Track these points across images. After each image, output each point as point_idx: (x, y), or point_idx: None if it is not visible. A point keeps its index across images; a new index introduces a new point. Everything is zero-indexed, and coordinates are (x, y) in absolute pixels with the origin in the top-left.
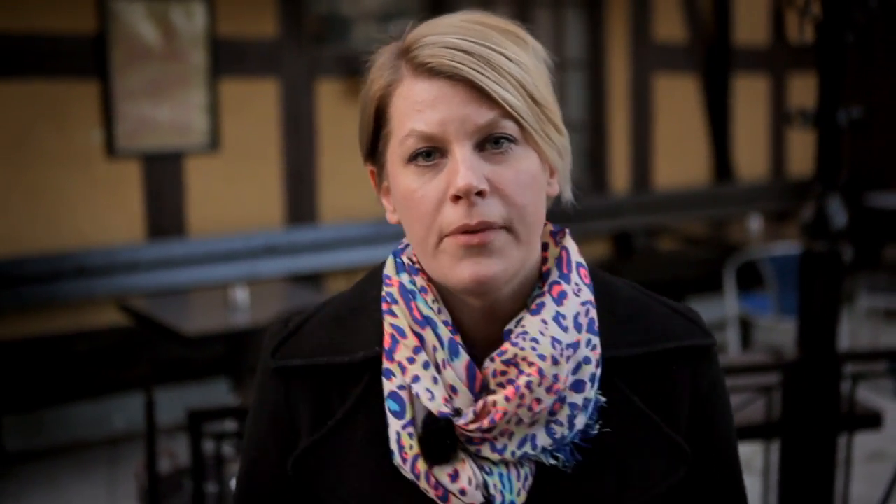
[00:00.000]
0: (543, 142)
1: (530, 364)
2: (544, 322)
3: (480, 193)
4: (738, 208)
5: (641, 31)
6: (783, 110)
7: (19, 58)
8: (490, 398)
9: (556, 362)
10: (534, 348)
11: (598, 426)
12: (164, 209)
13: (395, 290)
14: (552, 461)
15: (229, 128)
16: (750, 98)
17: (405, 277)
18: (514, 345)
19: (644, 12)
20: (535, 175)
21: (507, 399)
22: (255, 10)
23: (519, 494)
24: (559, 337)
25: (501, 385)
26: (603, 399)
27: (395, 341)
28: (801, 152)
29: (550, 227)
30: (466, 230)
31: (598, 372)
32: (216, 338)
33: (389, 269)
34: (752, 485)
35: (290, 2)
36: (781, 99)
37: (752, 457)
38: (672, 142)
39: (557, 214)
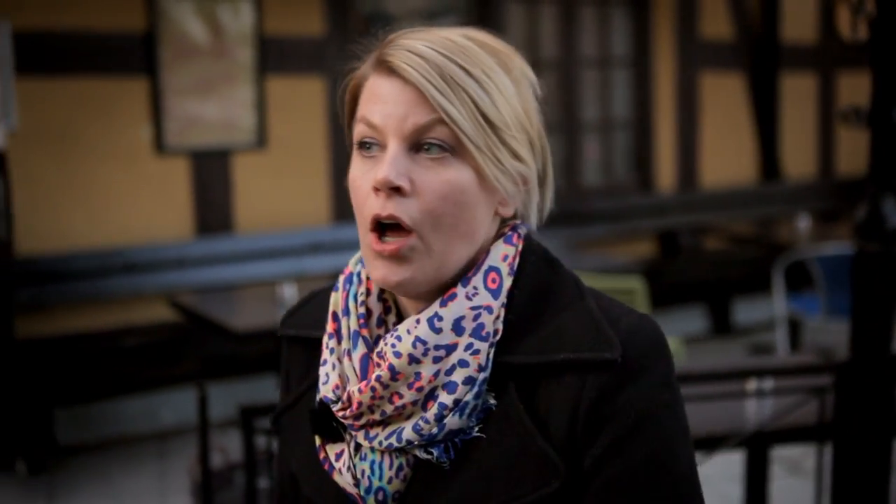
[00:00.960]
0: (486, 161)
1: (385, 360)
2: (417, 322)
3: (399, 190)
4: (785, 207)
5: (688, 29)
6: (833, 108)
7: (70, 55)
8: (352, 388)
9: (414, 360)
10: (393, 345)
11: (476, 429)
12: (212, 206)
13: (342, 279)
14: (425, 455)
15: (276, 125)
16: (798, 96)
17: (357, 267)
18: (384, 341)
19: (690, 10)
20: (465, 190)
21: (359, 391)
22: (301, 8)
23: (390, 483)
24: (425, 337)
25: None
26: (493, 402)
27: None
28: (850, 151)
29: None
30: (377, 222)
31: (482, 376)
32: (264, 334)
33: (353, 259)
34: (805, 487)
35: (336, 0)
36: (830, 97)
37: (804, 459)
38: (719, 140)
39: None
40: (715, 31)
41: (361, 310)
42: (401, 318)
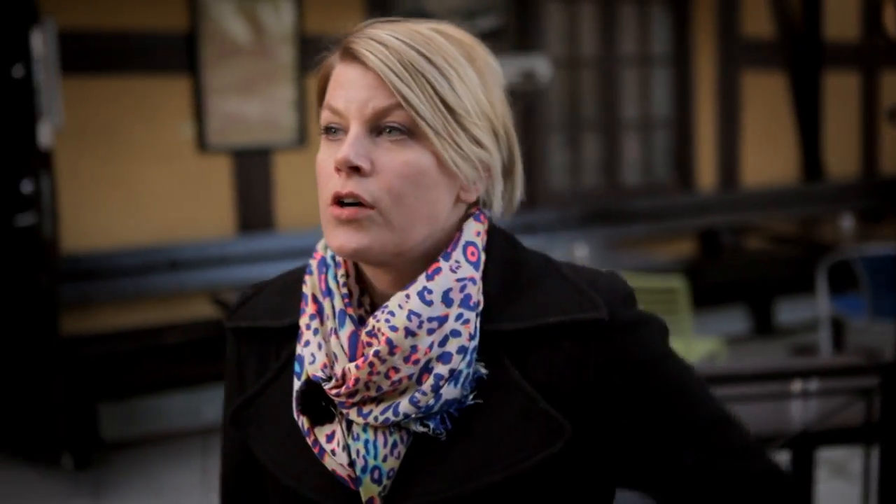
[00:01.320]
0: (444, 145)
1: (381, 335)
2: (407, 297)
3: (359, 170)
4: (827, 207)
5: (728, 27)
6: (877, 107)
7: (114, 54)
8: (348, 365)
9: (410, 334)
10: (387, 320)
11: (472, 397)
12: (254, 204)
13: (314, 263)
14: (421, 428)
15: (317, 124)
16: (840, 95)
17: (329, 252)
18: (375, 318)
19: (731, 7)
20: (424, 171)
21: (357, 367)
22: (341, 7)
23: (385, 460)
24: (418, 310)
25: (363, 355)
26: (483, 371)
27: (302, 308)
28: (894, 150)
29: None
30: (338, 199)
31: (472, 345)
32: None
33: (321, 244)
34: (850, 490)
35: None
36: (873, 96)
37: (850, 461)
38: (760, 139)
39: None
40: (756, 29)
41: (344, 290)
42: (373, 300)
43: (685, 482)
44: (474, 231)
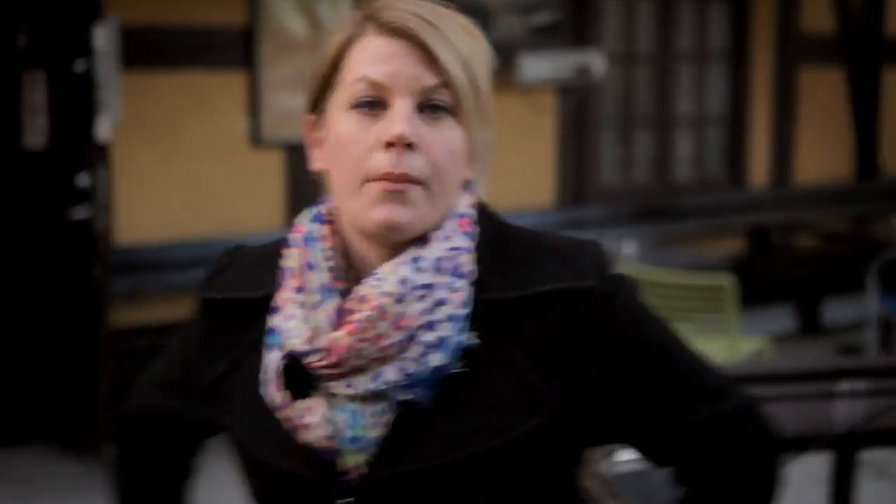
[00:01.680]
0: (473, 124)
1: (370, 300)
2: (398, 264)
3: (410, 146)
4: (881, 205)
5: (787, 22)
6: None
7: (173, 50)
8: (334, 334)
9: (400, 300)
10: (377, 286)
11: (459, 366)
12: (306, 199)
13: (297, 237)
14: (408, 396)
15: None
16: None
17: (313, 226)
18: (366, 284)
19: (790, 2)
20: (460, 147)
21: (346, 334)
22: None
23: (371, 429)
24: (408, 277)
25: (350, 322)
26: (475, 341)
27: (283, 282)
28: None
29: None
30: (389, 178)
31: (463, 313)
32: None
33: (302, 218)
34: (891, 491)
35: None
36: None
37: (890, 463)
38: (815, 136)
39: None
40: (816, 24)
41: (331, 263)
42: (359, 275)
43: (664, 432)
44: (468, 203)
